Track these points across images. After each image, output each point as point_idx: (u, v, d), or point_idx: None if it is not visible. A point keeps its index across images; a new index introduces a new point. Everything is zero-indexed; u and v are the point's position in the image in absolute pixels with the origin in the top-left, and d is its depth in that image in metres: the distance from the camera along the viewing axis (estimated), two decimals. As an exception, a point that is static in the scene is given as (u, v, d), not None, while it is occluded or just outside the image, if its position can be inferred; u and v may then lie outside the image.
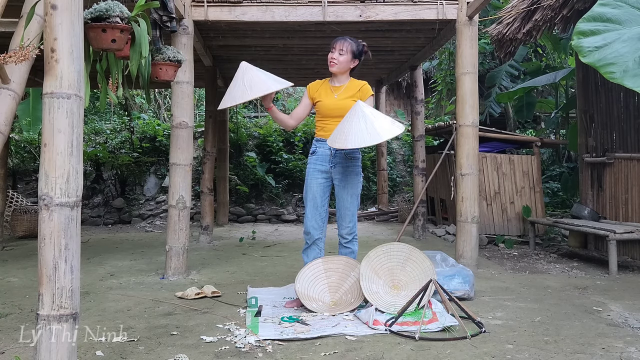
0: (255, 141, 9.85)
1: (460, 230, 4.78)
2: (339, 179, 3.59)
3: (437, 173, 7.00)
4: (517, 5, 5.87)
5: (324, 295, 3.53)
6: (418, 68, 7.19)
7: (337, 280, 3.56)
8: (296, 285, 3.48)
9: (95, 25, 2.67)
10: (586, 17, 4.12)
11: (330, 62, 3.55)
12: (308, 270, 3.54)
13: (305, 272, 3.54)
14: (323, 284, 3.55)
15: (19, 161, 9.30)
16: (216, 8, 4.84)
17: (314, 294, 3.51)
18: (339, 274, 3.56)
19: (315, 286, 3.53)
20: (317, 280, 3.54)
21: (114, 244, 6.69)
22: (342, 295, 3.54)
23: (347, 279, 3.56)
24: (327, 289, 3.55)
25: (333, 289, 3.55)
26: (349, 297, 3.50)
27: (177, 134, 4.60)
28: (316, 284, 3.54)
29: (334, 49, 3.55)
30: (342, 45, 3.53)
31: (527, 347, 2.74)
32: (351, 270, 3.55)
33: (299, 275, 3.52)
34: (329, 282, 3.55)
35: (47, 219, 2.03)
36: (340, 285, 3.56)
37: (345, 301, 3.49)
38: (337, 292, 3.55)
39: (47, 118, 2.05)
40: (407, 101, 13.07)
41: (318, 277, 3.55)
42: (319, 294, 3.53)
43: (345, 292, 3.54)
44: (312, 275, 3.54)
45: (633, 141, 5.28)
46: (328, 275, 3.56)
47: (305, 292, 3.49)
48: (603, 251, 5.49)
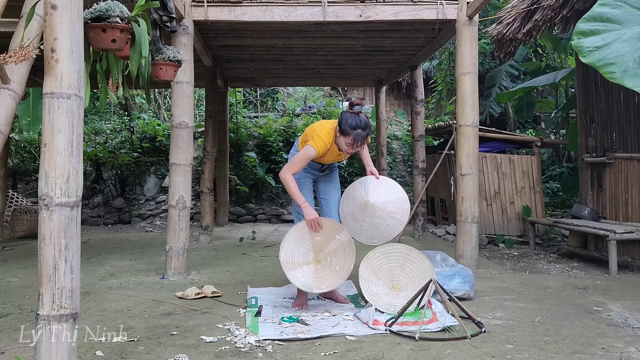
0: (255, 141, 9.85)
1: (460, 230, 4.78)
2: (325, 176, 3.80)
3: (437, 173, 7.00)
4: (517, 5, 5.87)
5: (307, 255, 3.50)
6: (418, 68, 7.19)
7: (321, 241, 3.52)
8: (280, 254, 3.43)
9: (95, 25, 2.67)
10: (586, 17, 4.12)
11: (348, 152, 3.47)
12: (294, 232, 3.49)
13: (291, 234, 3.49)
14: (307, 244, 3.51)
15: (19, 161, 9.30)
16: (216, 8, 4.84)
17: (298, 257, 3.47)
18: (324, 235, 3.52)
19: (300, 247, 3.49)
20: (302, 242, 3.50)
21: (114, 244, 6.69)
22: (327, 255, 3.51)
23: (333, 241, 3.53)
24: (310, 248, 3.51)
25: (317, 248, 3.52)
26: (334, 261, 3.49)
27: (177, 134, 4.60)
28: (300, 245, 3.50)
29: (358, 147, 3.43)
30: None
31: (527, 347, 2.74)
32: (336, 232, 3.53)
33: (284, 241, 3.47)
34: (313, 242, 3.52)
35: (47, 219, 2.03)
36: (324, 246, 3.52)
37: (329, 263, 3.49)
38: (322, 251, 3.52)
39: (47, 118, 2.06)
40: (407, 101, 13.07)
41: (303, 238, 3.51)
42: (304, 254, 3.49)
43: (330, 253, 3.52)
44: (297, 237, 3.50)
45: (633, 141, 5.28)
46: (313, 235, 3.52)
47: (290, 258, 3.45)
48: (603, 251, 5.49)
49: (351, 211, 3.68)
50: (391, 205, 3.64)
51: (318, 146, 3.42)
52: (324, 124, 3.56)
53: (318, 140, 3.43)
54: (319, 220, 3.44)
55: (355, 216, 3.67)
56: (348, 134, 3.34)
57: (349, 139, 3.35)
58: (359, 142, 3.36)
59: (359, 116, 3.37)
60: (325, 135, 3.45)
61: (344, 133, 3.36)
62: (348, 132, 3.34)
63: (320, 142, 3.43)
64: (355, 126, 3.33)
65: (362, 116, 3.38)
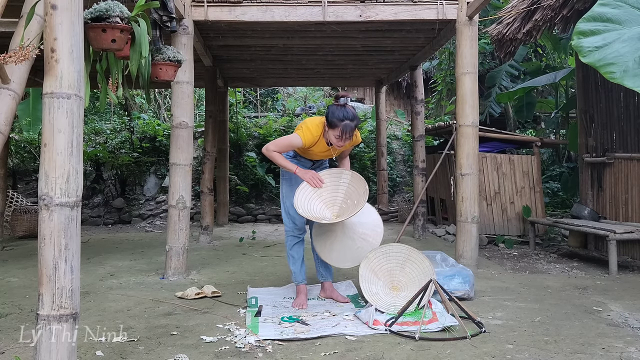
0: (255, 141, 9.85)
1: (460, 230, 4.78)
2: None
3: (437, 173, 7.00)
4: (517, 5, 5.87)
5: (323, 212, 3.47)
6: (418, 68, 7.19)
7: (330, 195, 3.50)
8: (297, 208, 3.38)
9: (95, 25, 2.67)
10: (586, 17, 4.12)
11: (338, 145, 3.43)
12: (301, 195, 3.46)
13: (299, 198, 3.44)
14: (319, 204, 3.48)
15: (19, 161, 9.30)
16: (216, 8, 4.84)
17: (315, 214, 3.46)
18: (329, 189, 3.50)
19: (312, 207, 3.45)
20: (311, 203, 3.46)
21: (114, 244, 6.69)
22: (342, 203, 3.50)
23: (339, 188, 3.52)
24: (324, 207, 3.48)
25: (329, 204, 3.50)
26: (349, 203, 3.46)
27: (177, 134, 4.60)
28: (311, 206, 3.45)
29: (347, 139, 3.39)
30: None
31: (527, 347, 2.74)
32: (338, 178, 3.52)
33: (296, 197, 3.43)
34: (323, 199, 3.49)
35: (47, 219, 2.03)
36: (335, 198, 3.51)
37: (348, 207, 3.44)
38: (334, 205, 3.50)
39: (47, 118, 2.06)
40: (407, 101, 13.07)
41: (311, 199, 3.46)
42: (319, 212, 3.47)
43: (343, 200, 3.50)
44: (305, 199, 3.46)
45: (633, 141, 5.28)
46: (319, 194, 3.49)
47: (309, 213, 3.41)
48: (603, 251, 5.49)
49: (322, 231, 3.63)
50: (363, 227, 3.63)
51: (305, 136, 3.41)
52: (315, 118, 3.58)
53: (306, 131, 3.42)
54: (317, 175, 3.42)
55: (326, 234, 3.61)
56: (336, 126, 3.32)
57: (337, 131, 3.33)
58: (348, 134, 3.33)
59: (345, 108, 3.35)
60: (313, 127, 3.45)
61: (331, 125, 3.34)
62: (336, 124, 3.32)
63: (308, 132, 3.42)
64: (343, 117, 3.31)
65: (348, 108, 3.36)
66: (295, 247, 3.71)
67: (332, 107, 3.39)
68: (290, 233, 3.70)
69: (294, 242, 3.70)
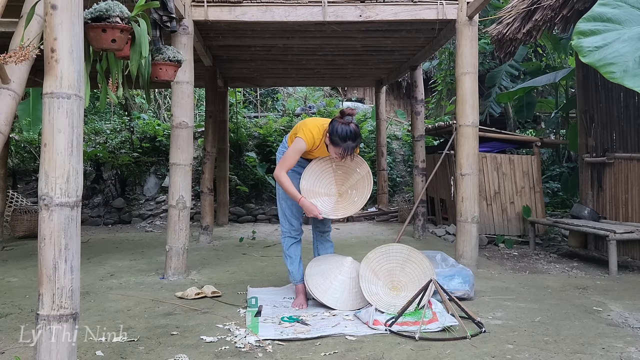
0: (255, 141, 9.85)
1: (460, 230, 4.78)
2: None
3: (437, 173, 7.00)
4: (517, 5, 5.87)
5: (330, 187, 3.61)
6: (418, 68, 7.19)
7: (343, 175, 3.62)
8: (302, 183, 3.52)
9: (95, 25, 2.67)
10: (586, 17, 4.12)
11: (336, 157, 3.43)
12: (315, 165, 3.58)
13: (312, 167, 3.57)
14: (330, 177, 3.60)
15: (19, 161, 9.30)
16: (216, 8, 4.84)
17: (320, 188, 3.57)
18: (345, 169, 3.60)
19: (322, 179, 3.59)
20: (324, 174, 3.59)
21: (114, 244, 6.69)
22: (348, 188, 3.61)
23: (354, 174, 3.60)
24: (333, 181, 3.61)
25: (339, 182, 3.62)
26: (354, 194, 3.58)
27: (177, 134, 4.60)
28: (322, 177, 3.59)
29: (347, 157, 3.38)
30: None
31: (527, 347, 2.74)
32: (357, 166, 3.59)
33: (306, 171, 3.56)
34: (336, 175, 3.61)
35: (47, 219, 2.03)
36: (346, 179, 3.62)
37: (349, 196, 3.59)
38: (343, 184, 3.62)
39: (47, 118, 2.05)
40: (407, 101, 13.07)
41: (325, 171, 3.59)
42: (326, 186, 3.60)
43: (351, 186, 3.61)
44: (319, 169, 3.59)
45: (633, 141, 5.28)
46: (335, 169, 3.60)
47: (311, 187, 3.54)
48: (603, 251, 5.49)
49: (322, 270, 3.60)
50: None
51: (307, 137, 3.39)
52: (317, 119, 3.54)
53: (307, 133, 3.40)
54: (318, 211, 3.41)
55: (326, 273, 3.58)
56: (338, 145, 3.30)
57: (338, 149, 3.32)
58: (349, 153, 3.34)
59: (349, 126, 3.30)
60: (315, 129, 3.42)
61: (333, 143, 3.32)
62: (338, 143, 3.30)
63: (309, 134, 3.40)
64: (346, 137, 3.28)
65: (352, 126, 3.31)
66: (293, 247, 3.70)
67: (336, 123, 3.33)
68: (287, 234, 3.69)
69: (291, 242, 3.70)
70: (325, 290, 3.51)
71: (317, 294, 3.49)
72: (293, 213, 3.65)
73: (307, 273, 3.58)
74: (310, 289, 3.52)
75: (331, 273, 3.56)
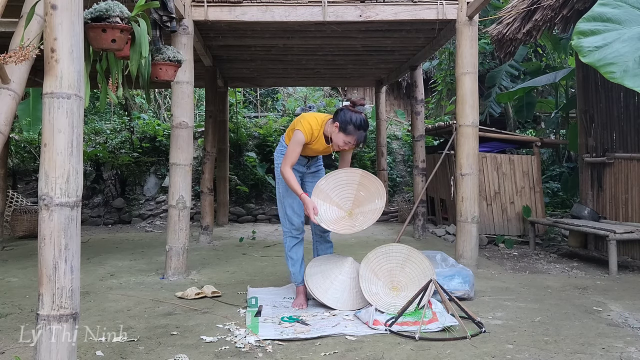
0: (255, 141, 9.85)
1: (460, 230, 4.78)
2: (311, 174, 3.76)
3: (437, 173, 7.00)
4: (517, 5, 5.87)
5: (346, 202, 3.56)
6: (418, 68, 7.19)
7: (363, 198, 3.56)
8: (320, 181, 3.51)
9: (95, 25, 2.67)
10: (586, 17, 4.12)
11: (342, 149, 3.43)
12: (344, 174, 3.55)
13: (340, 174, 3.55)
14: (351, 192, 3.56)
15: (19, 161, 9.30)
16: (216, 8, 4.84)
17: (335, 197, 3.53)
18: (368, 194, 3.55)
19: (343, 190, 3.56)
20: (348, 187, 3.56)
21: (114, 244, 6.69)
22: (359, 213, 3.55)
23: (371, 203, 3.55)
24: (352, 198, 3.56)
25: (357, 203, 3.57)
26: (360, 220, 3.51)
27: (177, 134, 4.60)
28: (345, 189, 3.56)
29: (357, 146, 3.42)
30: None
31: (527, 347, 2.74)
32: (378, 197, 3.54)
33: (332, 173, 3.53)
34: (357, 195, 3.57)
35: (47, 219, 2.03)
36: (363, 203, 3.56)
37: (355, 220, 3.52)
38: (359, 207, 3.57)
39: (47, 118, 2.05)
40: (407, 101, 13.07)
41: (351, 184, 3.55)
42: (343, 198, 3.55)
43: (362, 212, 3.55)
44: (346, 180, 3.55)
45: (633, 141, 5.28)
46: (360, 188, 3.56)
47: (327, 190, 3.50)
48: (603, 251, 5.49)
49: (322, 270, 3.59)
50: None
51: (305, 129, 3.36)
52: (315, 114, 3.53)
53: (306, 125, 3.37)
54: (316, 212, 3.39)
55: (326, 273, 3.57)
56: (351, 134, 3.28)
57: (350, 138, 3.29)
58: (361, 143, 3.32)
59: (361, 115, 3.31)
60: (313, 122, 3.40)
61: (346, 131, 3.28)
62: (351, 132, 3.28)
63: (307, 125, 3.37)
64: (360, 126, 3.28)
65: (364, 116, 3.33)
66: (295, 249, 3.68)
67: (348, 112, 3.31)
68: (289, 234, 3.67)
69: (294, 243, 3.68)
70: (325, 290, 3.51)
71: (317, 294, 3.49)
72: (294, 211, 3.63)
73: (307, 273, 3.57)
74: (311, 289, 3.52)
75: (331, 273, 3.56)
